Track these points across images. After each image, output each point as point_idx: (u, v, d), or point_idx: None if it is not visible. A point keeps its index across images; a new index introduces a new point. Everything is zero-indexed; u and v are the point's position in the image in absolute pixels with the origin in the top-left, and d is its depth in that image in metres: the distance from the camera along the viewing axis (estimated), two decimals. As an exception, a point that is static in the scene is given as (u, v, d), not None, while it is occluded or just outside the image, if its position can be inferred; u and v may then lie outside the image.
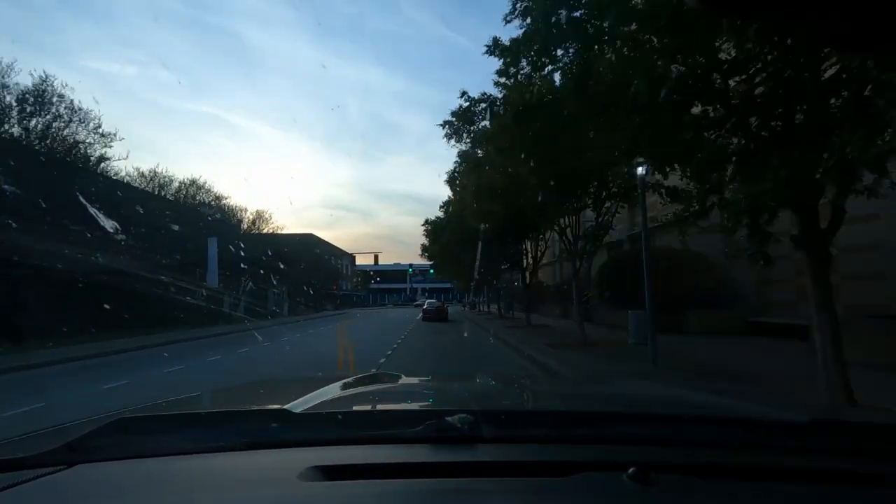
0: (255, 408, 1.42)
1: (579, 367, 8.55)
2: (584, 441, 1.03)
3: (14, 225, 12.79)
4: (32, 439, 1.08)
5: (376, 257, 49.26)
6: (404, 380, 2.14)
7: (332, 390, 1.46)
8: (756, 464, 0.92)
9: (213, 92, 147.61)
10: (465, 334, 18.14)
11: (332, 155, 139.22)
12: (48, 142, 18.79)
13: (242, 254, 27.67)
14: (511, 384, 2.06)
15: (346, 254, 72.70)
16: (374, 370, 7.77)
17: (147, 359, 11.89)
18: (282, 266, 31.07)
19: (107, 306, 14.65)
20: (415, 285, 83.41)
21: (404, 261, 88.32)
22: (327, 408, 1.21)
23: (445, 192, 26.99)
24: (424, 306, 29.76)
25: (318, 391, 1.37)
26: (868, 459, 0.96)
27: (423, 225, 29.05)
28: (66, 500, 0.82)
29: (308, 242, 50.99)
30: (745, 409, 1.33)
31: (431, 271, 42.13)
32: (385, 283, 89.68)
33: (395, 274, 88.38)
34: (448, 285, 76.11)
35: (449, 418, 0.98)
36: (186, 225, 24.58)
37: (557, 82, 8.13)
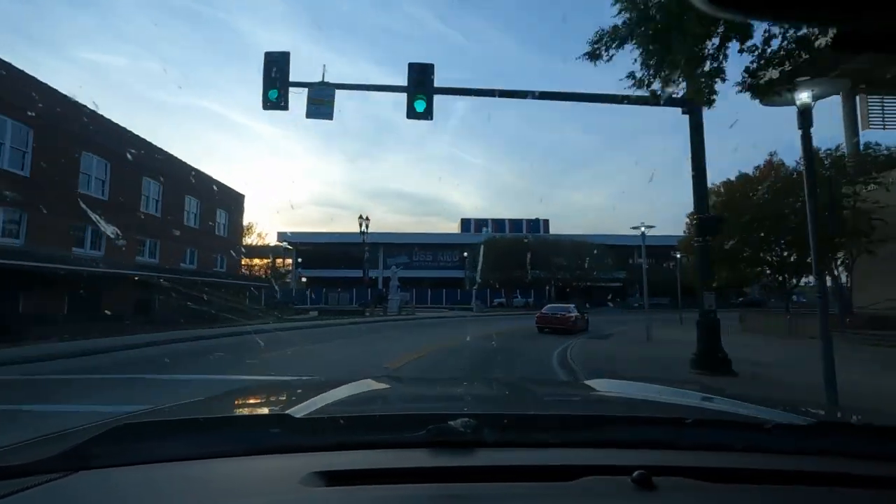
0: (257, 413, 1.40)
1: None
2: (587, 445, 1.03)
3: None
4: (34, 445, 1.04)
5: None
6: (407, 384, 2.12)
7: (334, 395, 1.43)
8: (760, 467, 0.92)
9: (210, 87, 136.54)
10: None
11: (327, 153, 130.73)
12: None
13: None
14: (514, 387, 2.06)
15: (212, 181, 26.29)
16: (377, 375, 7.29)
17: None
18: None
19: None
20: (387, 273, 43.05)
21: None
22: (329, 412, 1.19)
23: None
24: (543, 310, 20.43)
25: (320, 395, 1.35)
26: (873, 462, 0.97)
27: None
28: None
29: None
30: (749, 411, 1.33)
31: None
32: (336, 271, 50.97)
33: (353, 252, 42.51)
34: (461, 274, 49.65)
35: (451, 422, 0.97)
36: None
37: None
